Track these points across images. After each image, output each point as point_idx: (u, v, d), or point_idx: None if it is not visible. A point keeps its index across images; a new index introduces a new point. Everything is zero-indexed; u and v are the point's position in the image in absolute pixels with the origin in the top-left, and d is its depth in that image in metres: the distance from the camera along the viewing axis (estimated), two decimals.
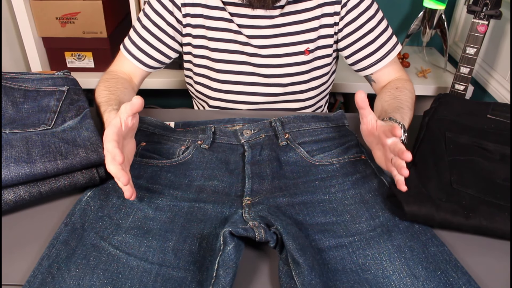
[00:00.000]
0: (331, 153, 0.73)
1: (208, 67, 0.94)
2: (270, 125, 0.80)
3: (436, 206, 0.57)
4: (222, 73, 0.93)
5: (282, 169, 0.70)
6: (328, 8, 0.89)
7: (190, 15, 0.90)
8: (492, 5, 1.17)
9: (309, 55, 0.91)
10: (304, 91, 0.96)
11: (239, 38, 0.90)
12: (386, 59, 0.93)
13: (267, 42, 0.90)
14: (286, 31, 0.90)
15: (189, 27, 0.91)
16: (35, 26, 1.41)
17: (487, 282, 0.52)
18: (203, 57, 0.94)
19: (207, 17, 0.90)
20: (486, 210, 0.57)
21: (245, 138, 0.77)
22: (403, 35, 1.67)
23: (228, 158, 0.73)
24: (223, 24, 0.90)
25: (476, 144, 0.72)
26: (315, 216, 0.60)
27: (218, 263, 0.49)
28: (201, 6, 0.90)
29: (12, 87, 0.74)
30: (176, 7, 0.90)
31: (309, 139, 0.77)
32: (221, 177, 0.68)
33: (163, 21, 0.91)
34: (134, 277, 0.50)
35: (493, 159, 0.69)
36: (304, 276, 0.47)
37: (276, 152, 0.74)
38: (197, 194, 0.64)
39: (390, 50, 0.93)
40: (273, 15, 0.89)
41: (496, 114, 0.80)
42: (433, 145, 0.71)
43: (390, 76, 0.95)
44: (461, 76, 1.26)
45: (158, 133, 0.78)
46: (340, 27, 0.91)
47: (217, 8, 0.89)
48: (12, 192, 0.58)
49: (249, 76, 0.93)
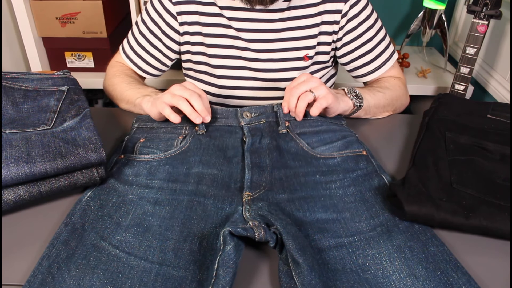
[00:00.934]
0: (332, 146, 0.73)
1: (208, 73, 0.94)
2: (272, 110, 0.79)
3: (436, 206, 0.57)
4: (221, 79, 0.93)
5: (282, 159, 0.70)
6: (328, 16, 0.89)
7: (187, 23, 0.90)
8: (492, 5, 1.17)
9: (308, 61, 0.91)
10: None
11: (237, 43, 0.90)
12: (383, 69, 0.93)
13: (266, 46, 0.90)
14: (286, 36, 0.90)
15: (187, 35, 0.91)
16: (35, 26, 1.41)
17: (487, 282, 0.52)
18: (202, 64, 0.94)
19: (204, 24, 0.90)
20: (486, 210, 0.57)
21: (245, 120, 0.77)
22: (403, 35, 1.67)
23: (226, 143, 0.73)
24: (221, 30, 0.89)
25: (476, 144, 0.72)
26: (315, 212, 0.60)
27: (218, 263, 0.49)
28: (197, 14, 0.89)
29: (12, 87, 0.74)
30: (172, 17, 0.90)
31: (309, 130, 0.77)
32: (219, 166, 0.68)
33: (159, 30, 0.92)
34: (134, 277, 0.50)
35: (493, 159, 0.69)
36: (304, 276, 0.47)
37: (276, 140, 0.73)
38: (196, 185, 0.64)
39: (386, 60, 0.93)
40: (273, 19, 0.88)
41: (496, 114, 0.80)
42: (433, 145, 0.72)
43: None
44: (461, 76, 1.26)
45: (156, 127, 0.78)
46: (340, 36, 0.91)
47: (214, 14, 0.89)
48: (12, 192, 0.58)
49: (249, 81, 0.93)
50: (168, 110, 0.74)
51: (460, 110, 0.82)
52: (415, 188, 0.60)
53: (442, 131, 0.75)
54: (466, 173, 0.65)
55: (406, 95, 0.96)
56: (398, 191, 0.60)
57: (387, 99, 0.88)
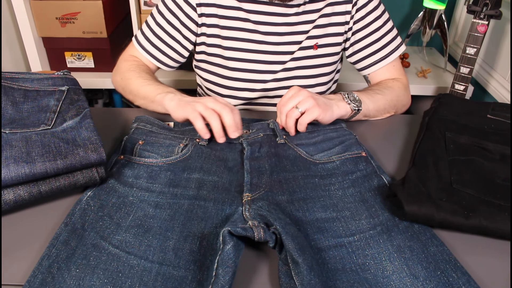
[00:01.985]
0: (330, 152, 0.73)
1: (221, 65, 0.95)
2: (268, 126, 0.80)
3: (436, 206, 0.57)
4: (234, 71, 0.94)
5: (281, 163, 0.70)
6: (339, 7, 0.91)
7: (205, 15, 0.91)
8: (492, 5, 1.17)
9: (317, 50, 0.92)
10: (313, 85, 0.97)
11: (254, 36, 0.91)
12: (388, 59, 0.94)
13: (280, 39, 0.92)
14: (298, 30, 0.92)
15: (204, 26, 0.92)
16: (35, 26, 1.41)
17: (487, 282, 0.52)
18: (216, 56, 0.95)
19: (221, 17, 0.91)
20: (486, 210, 0.57)
21: (243, 136, 0.78)
22: (403, 35, 1.67)
23: (226, 155, 0.74)
24: (238, 24, 0.91)
25: (476, 144, 0.72)
26: (315, 211, 0.60)
27: (217, 262, 0.49)
28: (216, 6, 0.91)
29: (12, 87, 0.74)
30: (192, 8, 0.91)
31: (305, 142, 0.77)
32: (220, 174, 0.68)
33: (178, 21, 0.92)
34: (134, 276, 0.50)
35: (493, 159, 0.69)
36: (303, 275, 0.47)
37: (275, 148, 0.74)
38: (197, 190, 0.64)
39: (393, 50, 0.95)
40: (288, 13, 0.90)
41: (496, 114, 0.80)
42: (433, 145, 0.72)
43: (384, 77, 0.97)
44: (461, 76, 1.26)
45: (156, 131, 0.78)
46: (350, 26, 0.93)
47: (232, 7, 0.90)
48: (12, 192, 0.58)
49: (261, 74, 0.94)
50: (201, 123, 0.73)
51: (460, 110, 0.82)
52: (415, 188, 0.60)
53: (442, 131, 0.75)
54: (466, 173, 0.65)
55: (407, 95, 0.96)
56: (398, 191, 0.60)
57: (387, 100, 0.89)
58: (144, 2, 1.42)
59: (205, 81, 1.00)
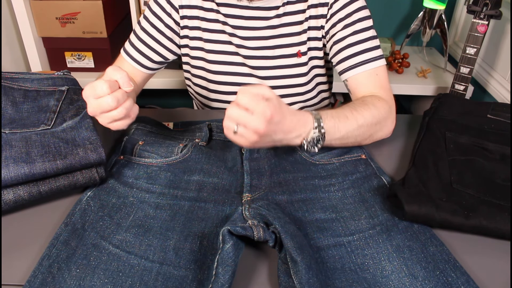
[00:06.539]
0: (330, 153, 0.73)
1: (205, 69, 0.94)
2: None
3: (436, 206, 0.57)
4: (218, 75, 0.93)
5: (281, 164, 0.71)
6: (314, 10, 0.87)
7: (187, 17, 0.91)
8: (492, 5, 1.17)
9: (302, 58, 0.91)
10: (305, 92, 0.95)
11: (234, 40, 0.90)
12: (367, 66, 0.84)
13: (261, 44, 0.90)
14: (280, 33, 0.90)
15: (187, 29, 0.92)
16: (35, 26, 1.41)
17: (487, 282, 0.52)
18: (199, 59, 0.94)
19: (202, 19, 0.90)
20: (486, 210, 0.57)
21: None
22: (403, 35, 1.67)
23: (226, 155, 0.74)
24: (218, 26, 0.90)
25: (476, 144, 0.72)
26: (314, 212, 0.60)
27: (217, 261, 0.49)
28: (198, 8, 0.90)
29: (12, 87, 0.74)
30: (174, 9, 0.90)
31: None
32: (220, 175, 0.68)
33: (161, 23, 0.91)
34: (135, 276, 0.50)
35: (493, 159, 0.69)
36: (301, 274, 0.48)
37: (274, 150, 0.74)
38: (197, 192, 0.65)
39: (373, 59, 0.84)
40: (269, 17, 0.89)
41: (496, 114, 0.80)
42: (433, 145, 0.72)
43: (365, 88, 0.84)
44: (461, 76, 1.26)
45: (156, 132, 0.78)
46: (326, 29, 0.89)
47: (212, 10, 0.89)
48: (12, 192, 0.58)
49: (247, 78, 0.93)
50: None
51: (460, 110, 0.82)
52: (415, 188, 0.60)
53: (442, 131, 0.75)
54: (466, 173, 0.65)
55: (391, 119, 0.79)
56: (398, 191, 0.60)
57: (357, 120, 0.73)
58: (144, 2, 1.42)
59: (194, 85, 1.00)
